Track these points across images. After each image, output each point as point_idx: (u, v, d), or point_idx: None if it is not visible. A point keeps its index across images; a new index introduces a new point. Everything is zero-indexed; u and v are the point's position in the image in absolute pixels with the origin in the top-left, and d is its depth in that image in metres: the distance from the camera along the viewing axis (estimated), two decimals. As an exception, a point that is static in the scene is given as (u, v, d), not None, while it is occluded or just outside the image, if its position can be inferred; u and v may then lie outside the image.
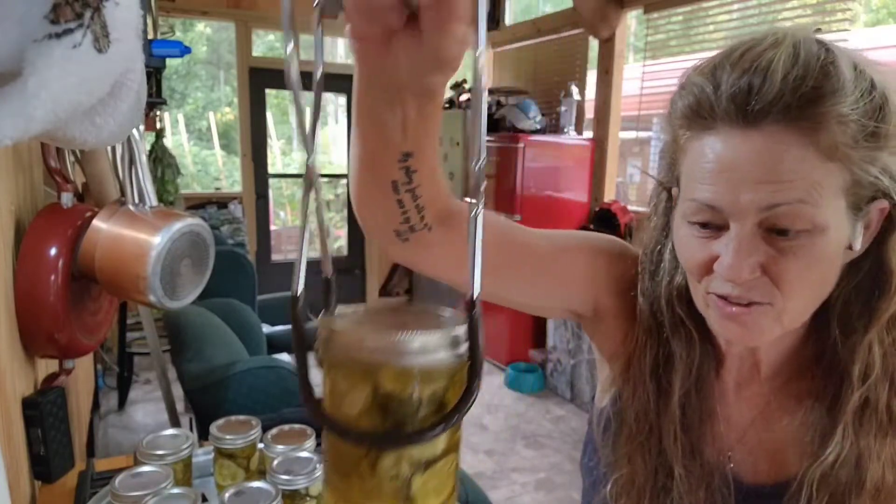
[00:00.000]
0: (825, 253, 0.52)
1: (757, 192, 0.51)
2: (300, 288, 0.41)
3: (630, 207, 4.02)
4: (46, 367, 1.30)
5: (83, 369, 1.98)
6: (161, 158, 3.93)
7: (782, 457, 0.62)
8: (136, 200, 1.17)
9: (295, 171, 10.07)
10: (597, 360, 0.75)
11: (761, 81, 0.50)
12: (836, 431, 0.57)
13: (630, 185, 4.74)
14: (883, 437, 0.56)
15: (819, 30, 0.56)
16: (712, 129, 0.53)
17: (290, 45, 0.33)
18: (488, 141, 4.36)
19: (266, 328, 3.12)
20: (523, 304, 0.70)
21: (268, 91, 5.04)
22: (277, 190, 8.07)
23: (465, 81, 5.10)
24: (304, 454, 1.00)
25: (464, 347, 0.33)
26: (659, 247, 0.66)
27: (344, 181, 5.54)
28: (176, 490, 0.91)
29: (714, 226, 0.55)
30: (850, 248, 0.54)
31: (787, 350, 0.62)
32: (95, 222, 1.12)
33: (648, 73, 3.83)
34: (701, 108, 0.54)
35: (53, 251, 1.06)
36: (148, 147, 3.94)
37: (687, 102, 0.55)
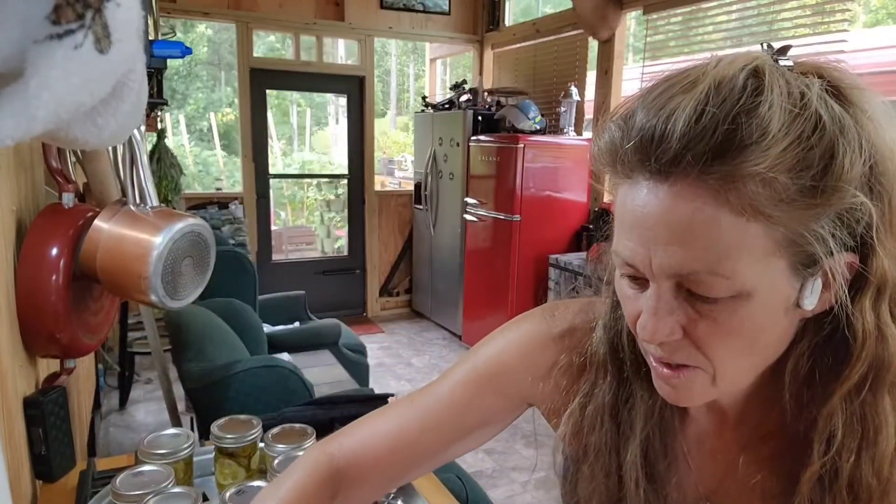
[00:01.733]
0: (752, 318, 0.47)
1: (666, 255, 0.46)
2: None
3: (630, 207, 4.02)
4: (48, 366, 1.30)
5: (84, 369, 1.98)
6: (163, 159, 3.94)
7: (752, 499, 0.57)
8: (138, 200, 1.18)
9: (296, 171, 10.07)
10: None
11: (663, 130, 0.45)
12: (792, 499, 0.53)
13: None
14: None
15: (781, 49, 0.50)
16: (629, 177, 0.49)
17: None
18: (488, 141, 4.37)
19: (267, 328, 3.12)
20: (475, 447, 0.74)
21: (268, 91, 5.05)
22: (278, 190, 8.07)
23: (464, 82, 5.10)
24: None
25: None
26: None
27: (344, 181, 5.55)
28: (177, 489, 0.92)
29: (640, 279, 0.50)
30: (798, 306, 0.48)
31: (754, 403, 0.57)
32: (97, 222, 1.12)
33: (648, 74, 3.83)
34: (614, 154, 0.49)
35: (55, 251, 1.07)
36: (149, 147, 3.95)
37: (601, 148, 0.51)
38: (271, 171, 5.20)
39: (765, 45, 0.50)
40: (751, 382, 0.55)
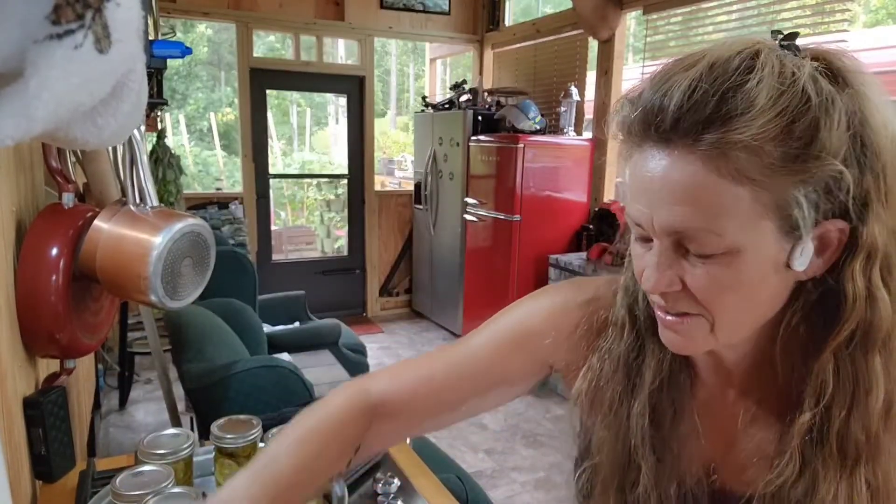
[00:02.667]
0: (743, 273, 0.52)
1: (666, 215, 0.52)
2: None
3: (630, 207, 4.02)
4: (47, 366, 1.30)
5: (84, 369, 1.98)
6: (163, 159, 3.94)
7: (755, 469, 0.61)
8: (137, 201, 1.18)
9: (296, 171, 10.07)
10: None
11: (661, 103, 0.52)
12: (786, 453, 0.57)
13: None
14: (835, 465, 0.55)
15: (788, 35, 0.54)
16: (639, 146, 0.55)
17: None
18: (488, 141, 4.37)
19: (267, 328, 3.12)
20: (497, 405, 0.78)
21: (268, 91, 5.05)
22: (278, 190, 8.07)
23: (464, 82, 5.10)
24: (305, 453, 1.00)
25: None
26: None
27: (344, 181, 5.55)
28: (177, 489, 0.92)
29: (648, 239, 0.56)
30: (789, 267, 0.53)
31: (756, 363, 0.61)
32: (96, 222, 1.12)
33: (648, 74, 3.82)
34: (625, 126, 0.56)
35: (54, 251, 1.07)
36: (149, 147, 3.94)
37: (616, 119, 0.57)
38: (271, 171, 5.20)
39: (773, 34, 0.55)
40: (749, 337, 0.59)
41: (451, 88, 5.15)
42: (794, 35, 0.54)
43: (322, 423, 0.70)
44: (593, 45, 4.18)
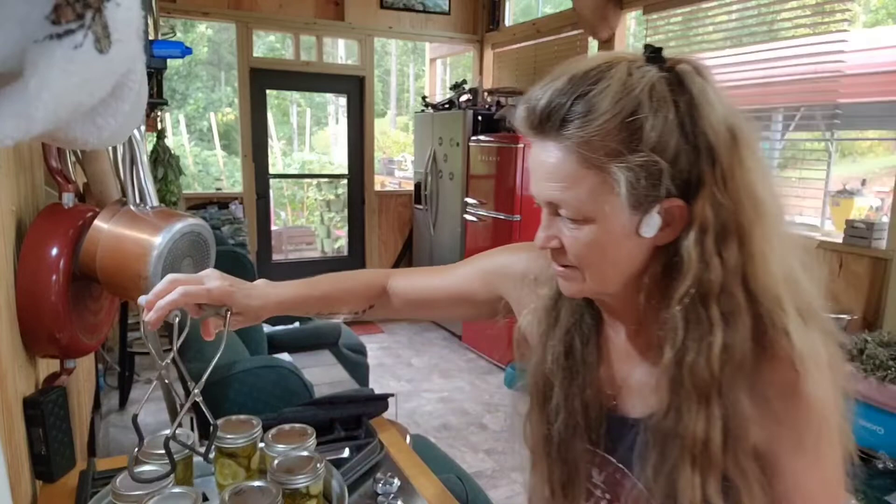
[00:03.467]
0: (598, 237, 0.68)
1: (543, 189, 0.69)
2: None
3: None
4: (48, 366, 1.30)
5: (84, 369, 1.98)
6: (163, 159, 3.93)
7: (643, 399, 0.75)
8: (137, 200, 1.18)
9: (296, 171, 10.07)
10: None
11: (535, 105, 0.68)
12: (659, 386, 0.70)
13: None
14: (692, 399, 0.67)
15: (656, 50, 0.67)
16: (529, 136, 0.71)
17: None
18: (488, 141, 4.37)
19: (267, 328, 3.12)
20: (464, 318, 1.08)
21: (268, 91, 5.05)
22: (278, 190, 8.07)
23: (464, 82, 5.10)
24: (305, 453, 1.00)
25: None
26: None
27: (344, 181, 5.55)
28: (177, 489, 0.92)
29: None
30: (639, 234, 0.67)
31: (636, 310, 0.74)
32: (96, 222, 1.12)
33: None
34: (519, 120, 0.71)
35: (55, 251, 1.07)
36: (150, 147, 3.94)
37: (515, 114, 0.72)
38: (271, 171, 5.20)
39: (644, 48, 0.68)
40: (622, 288, 0.73)
41: (451, 88, 5.15)
42: (658, 50, 0.67)
43: (356, 273, 1.04)
44: (593, 45, 4.17)
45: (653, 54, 0.67)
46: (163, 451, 0.99)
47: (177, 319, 0.84)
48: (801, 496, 0.68)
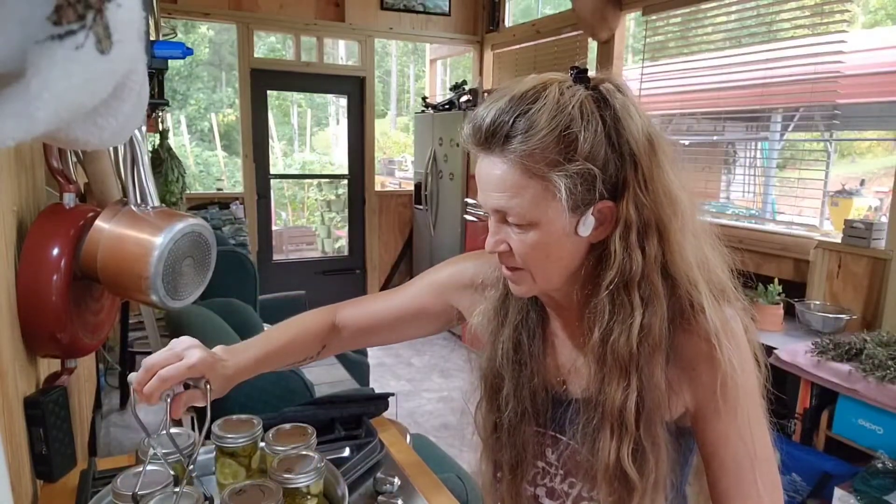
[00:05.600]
0: (542, 238, 0.74)
1: (491, 199, 0.76)
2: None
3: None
4: (48, 366, 1.31)
5: (85, 368, 1.99)
6: (166, 160, 3.94)
7: (581, 379, 0.84)
8: (139, 201, 1.18)
9: (296, 172, 10.08)
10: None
11: (480, 123, 0.74)
12: (587, 363, 0.80)
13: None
14: (614, 373, 0.76)
15: (582, 71, 0.75)
16: (476, 151, 0.77)
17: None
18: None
19: (267, 328, 3.12)
20: (420, 335, 1.08)
21: (269, 92, 5.05)
22: (279, 190, 8.07)
23: (464, 82, 5.10)
24: (305, 453, 1.00)
25: None
26: None
27: (345, 182, 5.55)
28: (178, 489, 0.92)
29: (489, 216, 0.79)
30: (577, 234, 0.74)
31: (576, 301, 0.81)
32: (98, 222, 1.12)
33: (647, 75, 3.83)
34: (466, 137, 0.77)
35: (56, 251, 1.07)
36: (151, 148, 3.94)
37: (461, 131, 0.78)
38: (272, 171, 5.21)
39: (571, 70, 0.77)
40: (565, 283, 0.80)
41: (451, 89, 5.15)
42: (584, 70, 0.76)
43: (304, 317, 1.04)
44: (593, 45, 4.18)
45: (579, 74, 0.76)
46: (164, 451, 0.99)
47: (168, 399, 0.85)
48: (727, 454, 0.78)
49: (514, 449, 0.89)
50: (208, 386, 0.86)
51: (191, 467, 0.89)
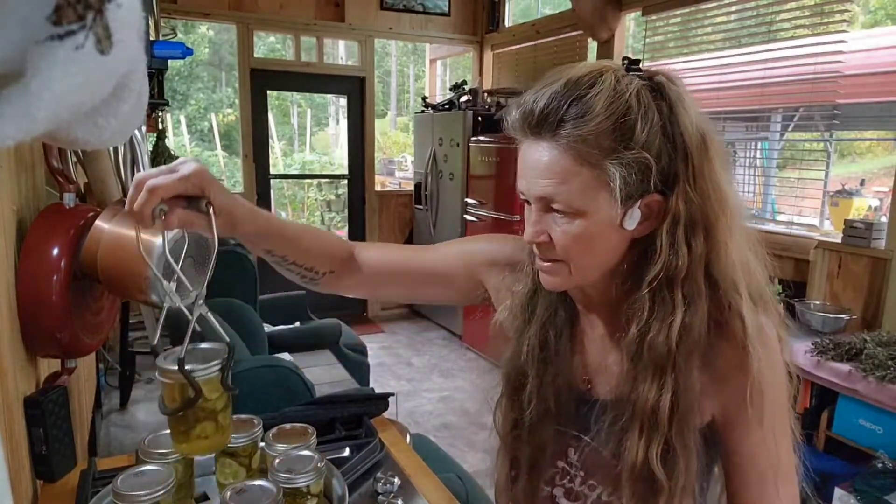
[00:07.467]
0: (588, 229, 0.73)
1: (537, 185, 0.73)
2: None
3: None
4: (48, 366, 1.31)
5: (85, 368, 1.99)
6: (165, 161, 3.94)
7: (611, 378, 0.82)
8: (138, 201, 1.18)
9: (296, 172, 10.07)
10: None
11: (531, 107, 0.72)
12: (621, 361, 0.78)
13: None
14: (649, 371, 0.74)
15: (634, 62, 0.74)
16: (523, 138, 0.75)
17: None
18: (488, 141, 4.36)
19: (267, 328, 3.12)
20: (437, 301, 1.04)
21: (269, 92, 5.05)
22: (279, 190, 8.08)
23: (464, 82, 5.10)
24: (306, 453, 1.00)
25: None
26: None
27: (344, 181, 5.55)
28: (205, 344, 0.88)
29: (530, 204, 0.77)
30: (623, 227, 0.73)
31: (609, 299, 0.81)
32: (98, 222, 1.12)
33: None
34: (513, 122, 0.76)
35: (56, 251, 1.07)
36: (150, 148, 3.94)
37: (507, 117, 0.77)
38: (272, 171, 5.21)
39: (623, 60, 0.75)
40: (601, 278, 0.79)
41: (450, 89, 5.15)
42: (636, 61, 0.75)
43: (325, 232, 0.96)
44: (592, 45, 4.18)
45: (632, 64, 0.74)
46: (164, 451, 0.99)
47: (163, 216, 0.73)
48: (751, 465, 0.77)
49: (533, 448, 0.87)
50: (210, 207, 0.74)
51: (200, 301, 0.81)
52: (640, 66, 0.75)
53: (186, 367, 0.78)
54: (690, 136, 0.71)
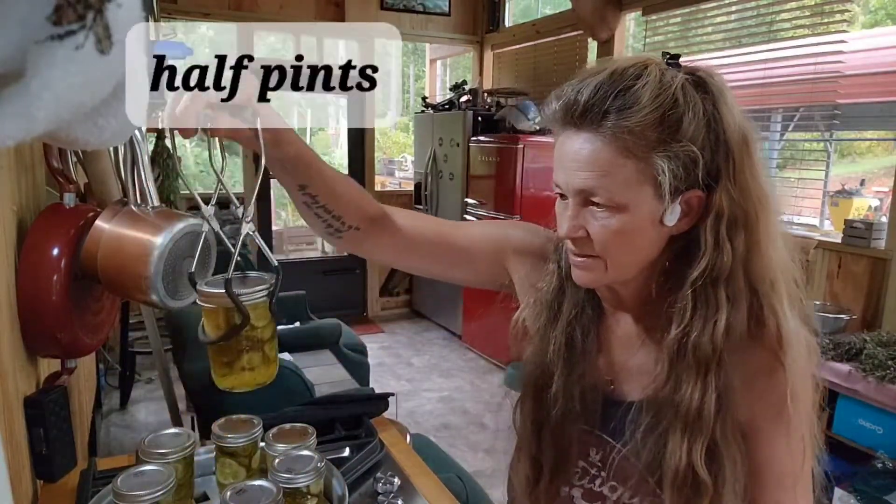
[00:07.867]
0: (628, 224, 0.71)
1: (577, 178, 0.71)
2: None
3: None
4: (48, 366, 1.31)
5: (85, 368, 1.99)
6: (166, 160, 3.93)
7: (641, 380, 0.80)
8: (139, 201, 1.18)
9: (296, 172, 10.05)
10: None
11: (575, 98, 0.70)
12: (659, 364, 0.75)
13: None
14: (692, 371, 0.72)
15: (674, 56, 0.73)
16: (562, 130, 0.73)
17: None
18: (488, 141, 4.36)
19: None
20: (458, 280, 1.02)
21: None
22: (279, 190, 8.06)
23: (464, 82, 5.10)
24: (306, 453, 1.00)
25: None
26: None
27: (345, 182, 5.54)
28: (253, 273, 0.87)
29: (565, 197, 0.75)
30: (662, 223, 0.71)
31: (642, 297, 0.80)
32: (98, 222, 1.12)
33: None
34: (552, 114, 0.74)
35: (56, 251, 1.07)
36: (150, 148, 3.94)
37: (546, 112, 0.75)
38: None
39: (663, 54, 0.73)
40: (635, 276, 0.77)
41: (450, 89, 5.15)
42: (676, 56, 0.73)
43: (358, 185, 0.87)
44: (593, 45, 4.18)
45: (671, 59, 0.73)
46: (164, 451, 0.99)
47: (209, 123, 0.69)
48: (771, 470, 0.76)
49: (557, 449, 0.85)
50: (258, 118, 0.71)
51: (248, 219, 0.83)
52: (680, 60, 0.74)
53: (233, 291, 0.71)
54: (733, 132, 0.70)
